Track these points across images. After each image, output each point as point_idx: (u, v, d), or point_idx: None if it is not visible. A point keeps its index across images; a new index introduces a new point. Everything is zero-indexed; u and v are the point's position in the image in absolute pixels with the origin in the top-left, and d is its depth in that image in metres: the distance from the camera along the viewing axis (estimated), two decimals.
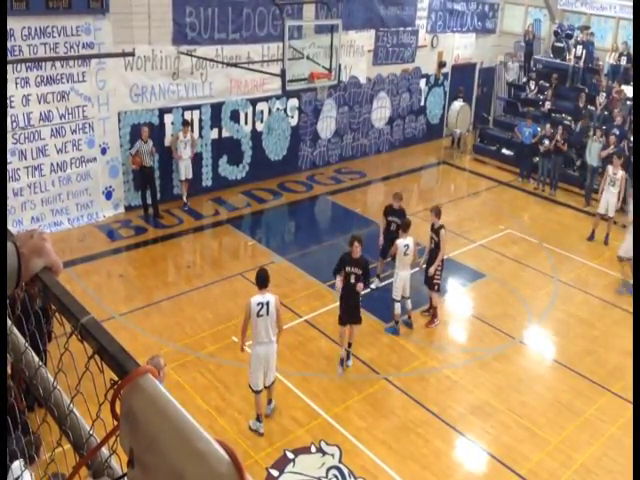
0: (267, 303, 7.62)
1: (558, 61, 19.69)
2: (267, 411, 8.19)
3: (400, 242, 9.92)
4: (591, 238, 13.95)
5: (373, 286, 11.18)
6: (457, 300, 11.58)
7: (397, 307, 10.02)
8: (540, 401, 8.91)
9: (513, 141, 18.17)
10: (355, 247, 8.80)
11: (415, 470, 7.59)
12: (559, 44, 19.77)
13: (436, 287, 10.31)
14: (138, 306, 10.57)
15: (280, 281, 11.21)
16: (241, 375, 8.85)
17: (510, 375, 9.43)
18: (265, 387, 8.05)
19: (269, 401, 8.24)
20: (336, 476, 7.46)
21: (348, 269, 8.89)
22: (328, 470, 7.51)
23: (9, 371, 1.43)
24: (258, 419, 8.02)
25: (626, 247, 11.47)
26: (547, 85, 19.12)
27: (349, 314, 9.08)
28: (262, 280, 7.72)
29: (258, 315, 7.61)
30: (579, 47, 19.10)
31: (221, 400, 8.49)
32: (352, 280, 8.86)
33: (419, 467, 7.63)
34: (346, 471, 7.51)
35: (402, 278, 10.00)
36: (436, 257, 10.09)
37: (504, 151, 18.72)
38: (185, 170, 13.98)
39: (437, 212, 10.18)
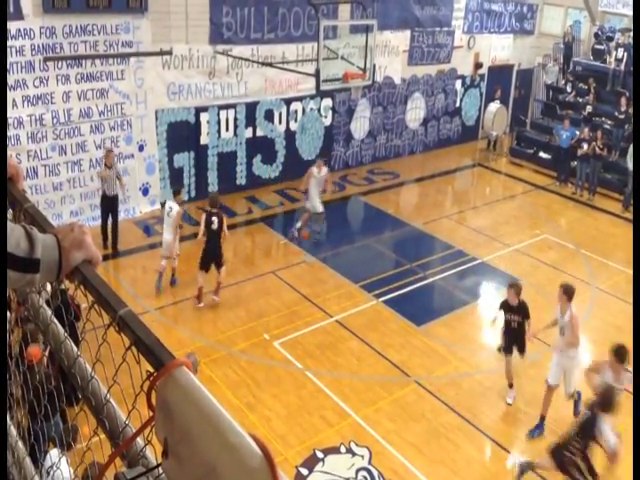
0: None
1: (598, 64, 19.30)
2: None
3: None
4: None
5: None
6: (491, 305, 11.42)
7: None
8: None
9: (551, 144, 17.88)
10: (510, 294, 8.81)
11: (445, 475, 7.52)
12: (599, 46, 19.37)
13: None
14: (172, 301, 10.70)
15: (311, 280, 11.22)
16: (272, 372, 8.90)
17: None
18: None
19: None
20: (365, 477, 7.43)
21: (507, 316, 8.94)
22: (357, 471, 7.50)
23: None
24: None
25: None
26: (585, 88, 18.77)
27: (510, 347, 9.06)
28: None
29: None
30: (620, 50, 18.68)
31: (252, 397, 8.53)
32: (514, 326, 8.90)
33: (450, 472, 7.56)
34: (376, 473, 7.48)
35: None
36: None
37: (541, 154, 18.42)
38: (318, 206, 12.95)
39: None
